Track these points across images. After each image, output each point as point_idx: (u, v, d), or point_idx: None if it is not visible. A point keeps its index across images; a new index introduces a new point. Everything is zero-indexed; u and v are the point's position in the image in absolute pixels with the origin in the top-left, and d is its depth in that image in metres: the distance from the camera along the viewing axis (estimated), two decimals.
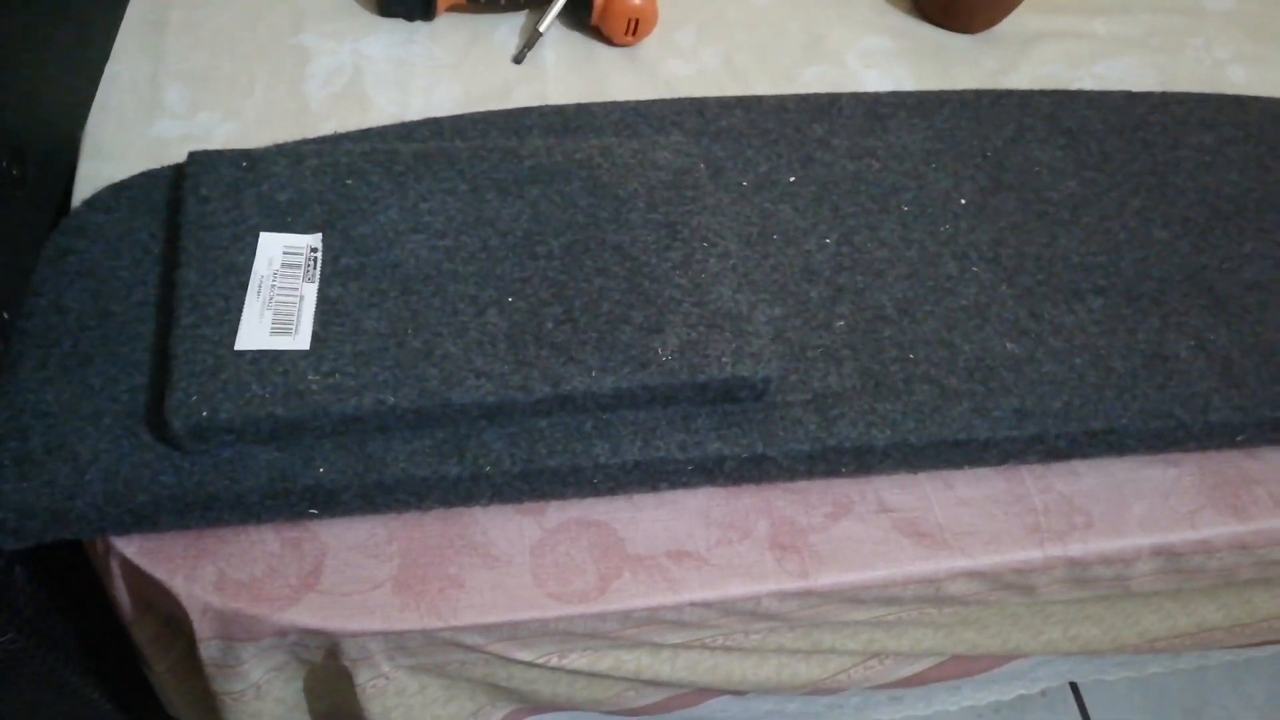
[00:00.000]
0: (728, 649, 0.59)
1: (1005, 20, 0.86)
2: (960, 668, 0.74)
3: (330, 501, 0.50)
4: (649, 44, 0.79)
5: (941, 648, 0.64)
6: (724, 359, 0.53)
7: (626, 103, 0.68)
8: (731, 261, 0.58)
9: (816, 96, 0.70)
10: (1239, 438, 0.59)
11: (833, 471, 0.55)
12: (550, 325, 0.54)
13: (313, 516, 0.51)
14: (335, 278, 0.55)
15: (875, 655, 0.64)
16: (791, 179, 0.65)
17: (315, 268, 0.55)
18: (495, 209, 0.59)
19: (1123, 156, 0.71)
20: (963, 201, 0.66)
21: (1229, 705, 1.22)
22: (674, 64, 0.78)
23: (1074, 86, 0.83)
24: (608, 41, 0.78)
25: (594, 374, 0.52)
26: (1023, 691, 0.84)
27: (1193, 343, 0.61)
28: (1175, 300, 0.63)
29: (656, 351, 0.53)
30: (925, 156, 0.68)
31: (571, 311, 0.54)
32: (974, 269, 0.62)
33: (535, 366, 0.52)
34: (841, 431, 0.54)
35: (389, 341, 0.52)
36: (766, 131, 0.67)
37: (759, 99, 0.70)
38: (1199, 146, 0.72)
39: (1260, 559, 0.62)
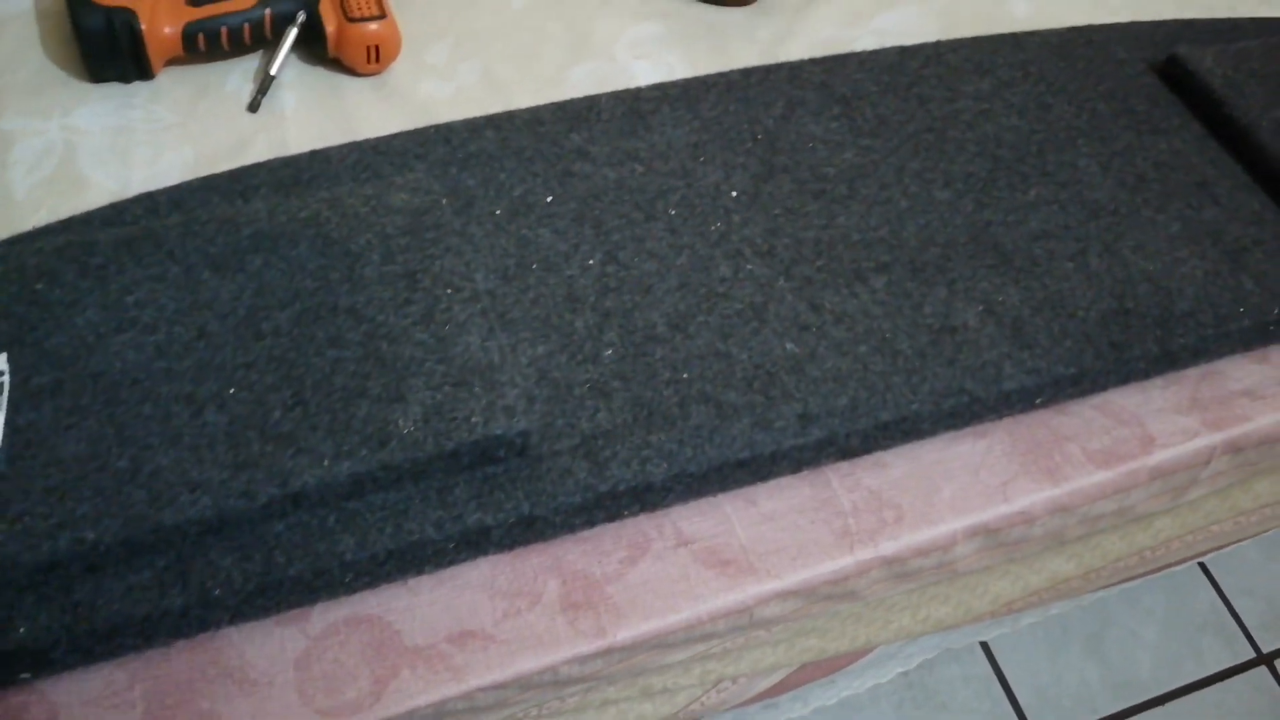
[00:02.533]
0: (546, 717, 0.55)
1: None
2: (825, 667, 0.71)
3: (41, 662, 0.44)
4: (399, 68, 0.73)
5: (786, 660, 0.61)
6: (474, 419, 0.48)
7: (366, 141, 0.62)
8: (481, 305, 0.53)
9: (574, 103, 0.66)
10: (1038, 400, 0.56)
11: (614, 517, 0.51)
12: (277, 414, 0.48)
13: (27, 681, 0.45)
14: (26, 401, 0.48)
15: (718, 682, 0.61)
16: (549, 199, 0.60)
17: (3, 393, 0.49)
18: (213, 289, 0.52)
19: (899, 118, 0.67)
20: (734, 194, 0.62)
21: (1129, 624, 1.24)
22: (429, 86, 0.72)
23: (855, 46, 0.79)
24: (352, 72, 0.72)
25: (327, 463, 0.46)
26: (901, 669, 0.82)
27: (981, 308, 0.58)
28: (961, 265, 0.59)
29: (398, 424, 0.48)
30: (692, 150, 0.64)
31: (301, 393, 0.49)
32: (749, 267, 0.58)
33: (259, 466, 0.46)
34: (615, 474, 0.49)
35: (88, 467, 0.46)
36: (520, 150, 0.62)
37: (511, 115, 0.64)
38: (976, 94, 0.69)
39: (1085, 516, 0.60)
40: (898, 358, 0.54)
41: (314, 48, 0.70)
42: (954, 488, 0.56)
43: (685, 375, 0.52)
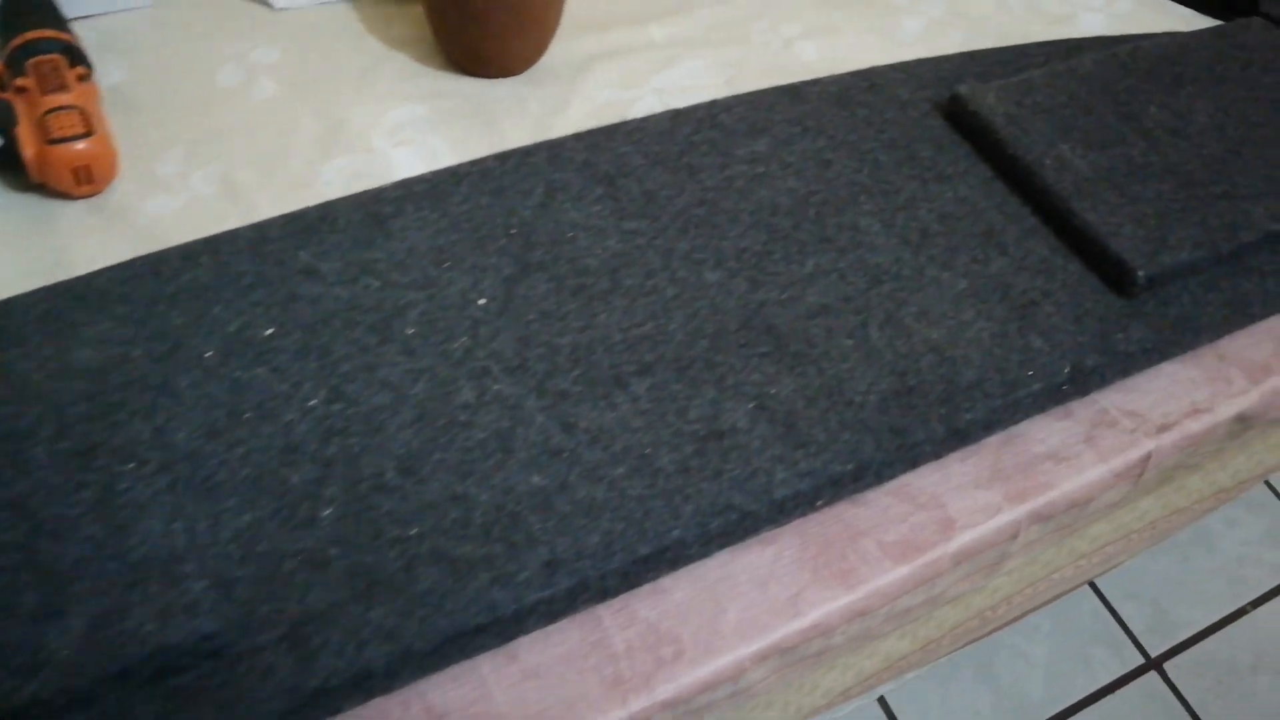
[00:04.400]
0: None
1: (548, 53, 0.77)
2: None
3: None
4: (122, 185, 0.64)
5: None
6: (147, 627, 0.41)
7: (58, 285, 0.53)
8: (173, 477, 0.45)
9: (307, 213, 0.58)
10: (818, 503, 0.51)
11: (333, 712, 0.44)
12: None
13: None
14: None
15: None
16: (269, 331, 0.53)
17: None
18: None
19: (668, 193, 0.61)
20: (482, 302, 0.55)
21: (1017, 644, 1.21)
22: (156, 202, 0.63)
23: (634, 108, 0.74)
24: (67, 196, 0.64)
25: None
26: None
27: (752, 405, 0.52)
28: (732, 356, 0.53)
29: (50, 647, 0.41)
30: (437, 256, 0.57)
31: None
32: (496, 387, 0.52)
33: None
34: (326, 664, 0.42)
35: None
36: (240, 277, 0.55)
37: (233, 235, 0.57)
38: (751, 158, 0.64)
39: (890, 614, 0.55)
40: (658, 477, 0.49)
41: (17, 173, 0.62)
42: (740, 607, 0.50)
43: (415, 530, 0.46)
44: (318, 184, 0.65)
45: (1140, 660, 1.21)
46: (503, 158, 0.62)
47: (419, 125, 0.70)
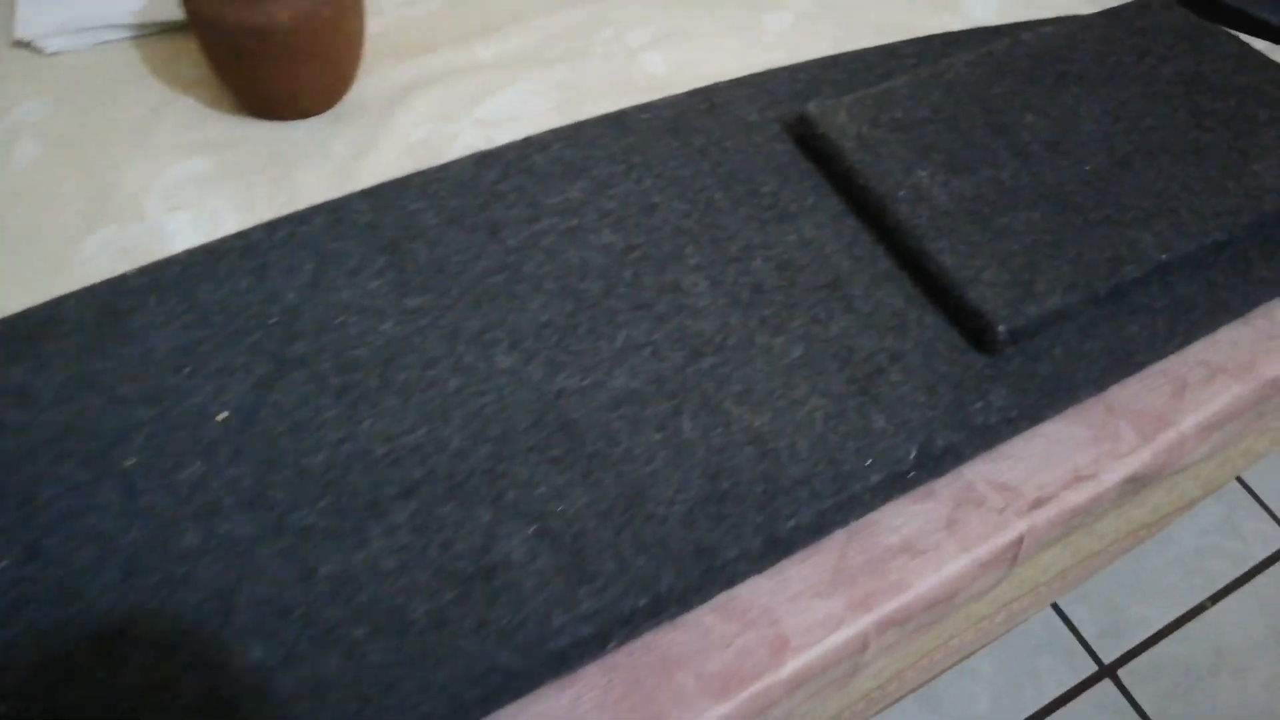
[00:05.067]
0: None
1: (355, 85, 0.68)
2: None
3: None
4: None
5: None
6: None
7: None
8: None
9: (29, 315, 0.48)
10: (609, 645, 0.44)
11: None
12: None
13: None
14: None
15: None
16: None
17: None
18: None
19: (462, 258, 0.52)
20: (223, 416, 0.47)
21: (960, 683, 1.14)
22: None
23: (454, 145, 0.64)
24: None
25: None
26: None
27: (534, 528, 0.44)
28: (517, 464, 0.45)
29: None
30: (178, 358, 0.48)
31: None
32: (226, 527, 0.44)
33: None
34: None
35: None
36: None
37: None
38: (564, 207, 0.55)
39: None
40: (408, 635, 0.40)
41: None
42: None
43: None
44: (75, 265, 0.56)
45: (1093, 668, 1.14)
46: (271, 227, 0.53)
47: (200, 183, 0.60)
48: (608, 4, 0.71)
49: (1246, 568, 1.20)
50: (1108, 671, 1.12)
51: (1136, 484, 0.53)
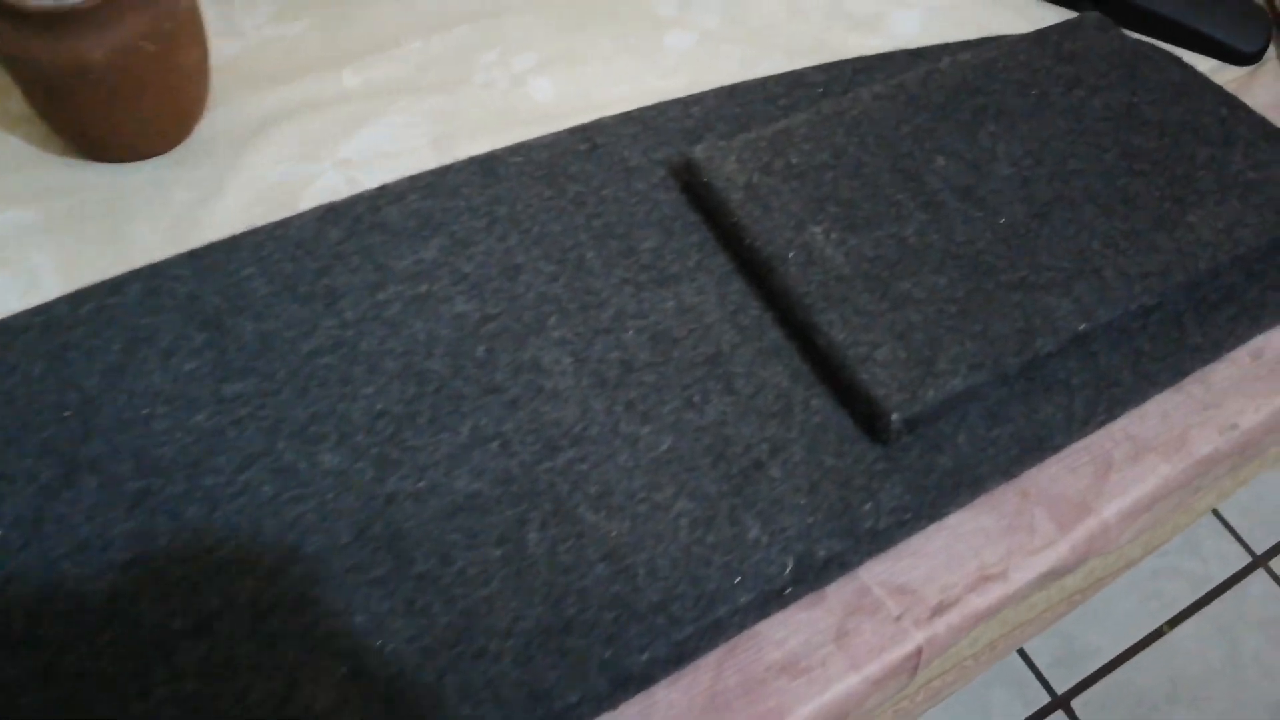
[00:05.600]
0: None
1: (204, 120, 0.61)
2: None
3: None
4: None
5: None
6: None
7: None
8: None
9: None
10: None
11: None
12: None
13: None
14: None
15: None
16: None
17: None
18: None
19: (293, 334, 0.45)
20: None
21: None
22: None
23: (312, 187, 0.57)
24: None
25: None
26: None
27: (343, 671, 0.37)
28: (331, 591, 0.38)
29: None
30: None
31: None
32: None
33: None
34: None
35: None
36: None
37: None
38: (414, 270, 0.47)
39: None
40: None
41: None
42: None
43: None
44: None
45: (1046, 699, 1.10)
46: (76, 300, 0.46)
47: (20, 237, 0.53)
48: (493, 24, 0.64)
49: (1205, 590, 1.16)
50: (1061, 703, 1.08)
51: (1054, 576, 0.48)
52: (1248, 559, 1.18)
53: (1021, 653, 1.09)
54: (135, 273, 0.48)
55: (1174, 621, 1.15)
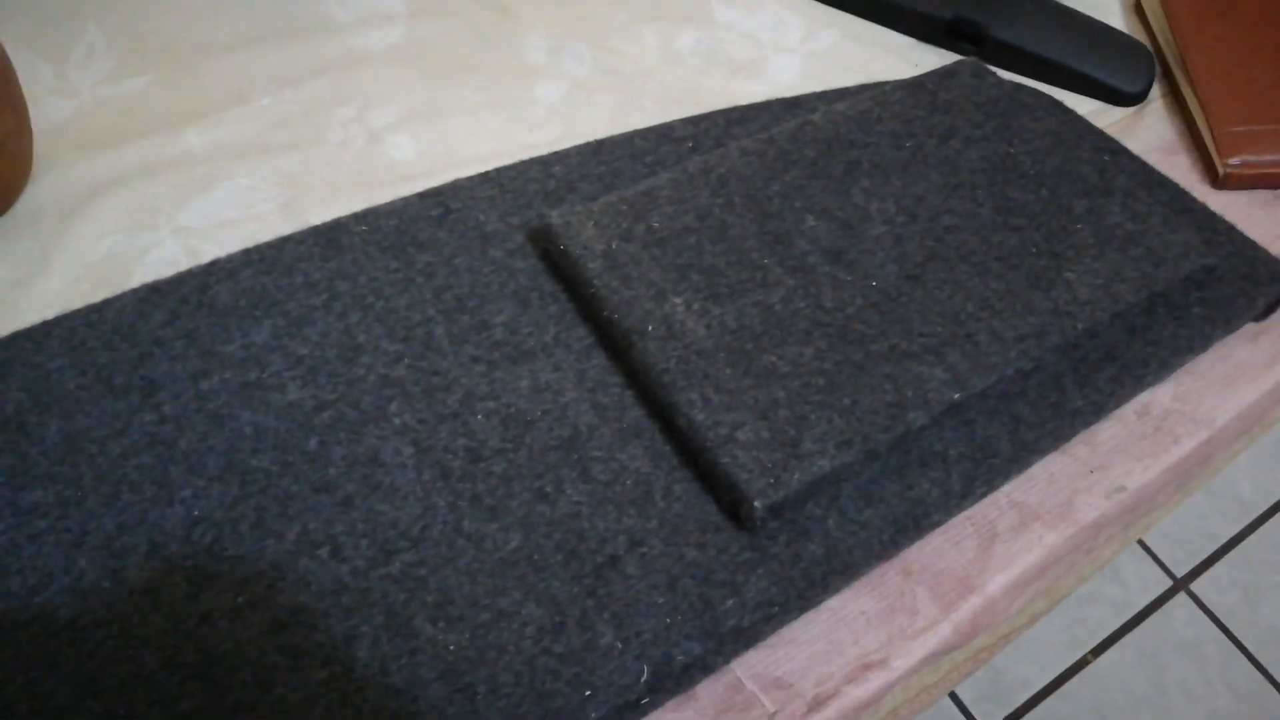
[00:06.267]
0: None
1: (30, 186, 0.56)
2: None
3: None
4: None
5: None
6: None
7: None
8: None
9: None
10: None
11: None
12: None
13: None
14: None
15: None
16: None
17: None
18: None
19: (102, 433, 0.40)
20: None
21: None
22: None
23: (146, 259, 0.52)
24: None
25: None
26: None
27: None
28: None
29: None
30: None
31: None
32: None
33: None
34: None
35: None
36: None
37: None
38: (244, 356, 0.43)
39: None
40: None
41: None
42: None
43: None
44: None
45: None
46: None
47: None
48: (351, 76, 0.61)
49: (1128, 616, 1.17)
50: None
51: (937, 657, 0.46)
52: (1169, 583, 1.19)
53: (956, 698, 1.08)
54: None
55: (1098, 650, 1.15)
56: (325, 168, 0.57)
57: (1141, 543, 1.19)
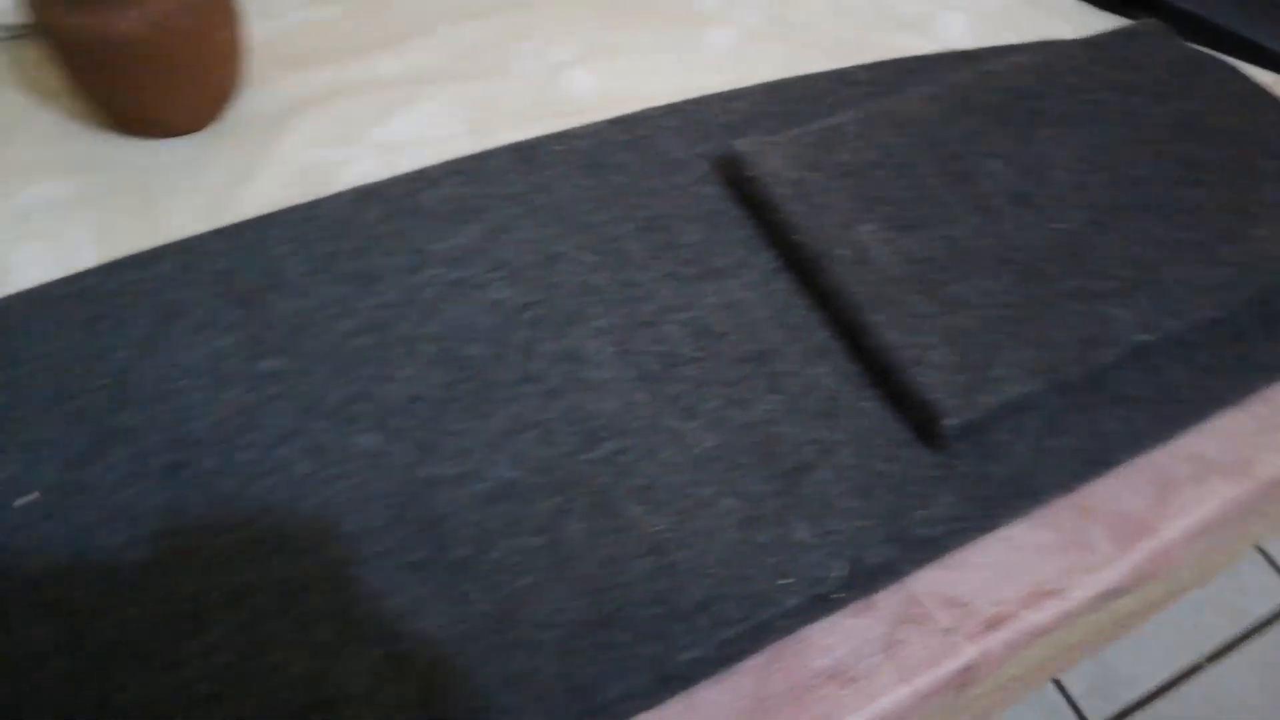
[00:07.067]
0: None
1: (237, 100, 0.61)
2: None
3: None
4: None
5: None
6: None
7: None
8: None
9: None
10: None
11: None
12: None
13: None
14: None
15: None
16: None
17: None
18: None
19: (328, 313, 0.44)
20: (24, 501, 0.40)
21: None
22: None
23: (347, 170, 0.57)
24: None
25: None
26: None
27: (378, 654, 0.36)
28: (368, 569, 0.38)
29: None
30: None
31: None
32: (10, 640, 0.38)
33: None
34: None
35: None
36: None
37: None
38: (452, 255, 0.46)
39: None
40: None
41: None
42: None
43: None
44: None
45: None
46: (109, 271, 0.47)
47: (59, 208, 0.54)
48: (531, 15, 0.65)
49: (1246, 625, 1.15)
50: None
51: (1111, 596, 0.48)
52: None
53: (1055, 680, 1.08)
54: (169, 246, 0.48)
55: (1214, 656, 1.14)
56: (508, 97, 0.61)
57: (1264, 552, 1.18)
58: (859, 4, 0.68)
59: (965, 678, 0.44)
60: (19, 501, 0.40)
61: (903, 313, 0.45)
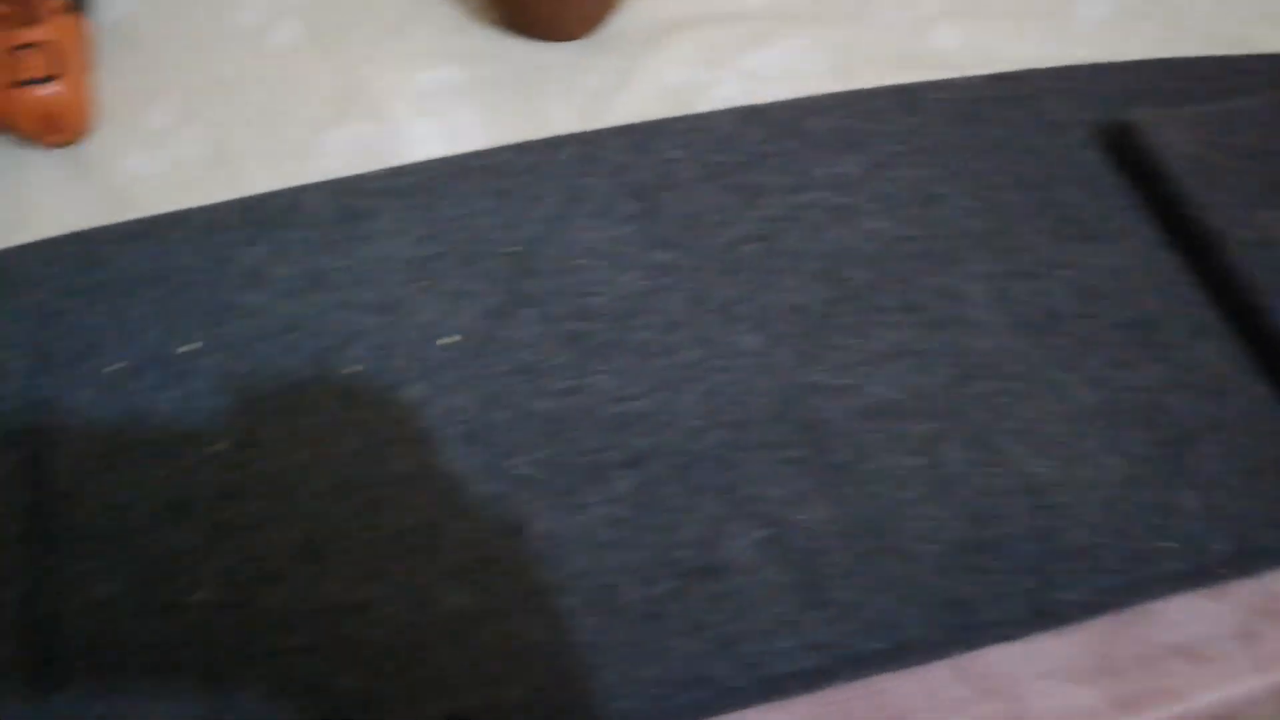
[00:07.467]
0: None
1: (616, 15, 0.64)
2: None
3: None
4: (106, 134, 0.58)
5: None
6: None
7: None
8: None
9: (272, 198, 0.48)
10: (832, 683, 0.38)
11: None
12: None
13: None
14: None
15: None
16: (190, 348, 0.45)
17: None
18: None
19: (716, 219, 0.47)
20: (448, 340, 0.44)
21: None
22: (137, 160, 0.56)
23: (711, 93, 0.60)
24: (37, 144, 0.57)
25: None
26: None
27: (765, 532, 0.38)
28: (753, 456, 0.41)
29: None
30: (413, 270, 0.45)
31: None
32: (438, 459, 0.41)
33: None
34: None
35: None
36: (172, 274, 0.45)
37: (180, 217, 0.47)
38: (834, 181, 0.48)
39: None
40: (616, 621, 0.36)
41: None
42: None
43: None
44: (318, 155, 0.56)
45: None
46: (519, 151, 0.51)
47: (449, 93, 0.59)
48: None
49: None
50: None
51: None
52: None
53: None
54: (569, 137, 0.52)
55: None
56: (872, 44, 0.62)
57: None
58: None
59: None
60: (441, 340, 0.45)
61: None
